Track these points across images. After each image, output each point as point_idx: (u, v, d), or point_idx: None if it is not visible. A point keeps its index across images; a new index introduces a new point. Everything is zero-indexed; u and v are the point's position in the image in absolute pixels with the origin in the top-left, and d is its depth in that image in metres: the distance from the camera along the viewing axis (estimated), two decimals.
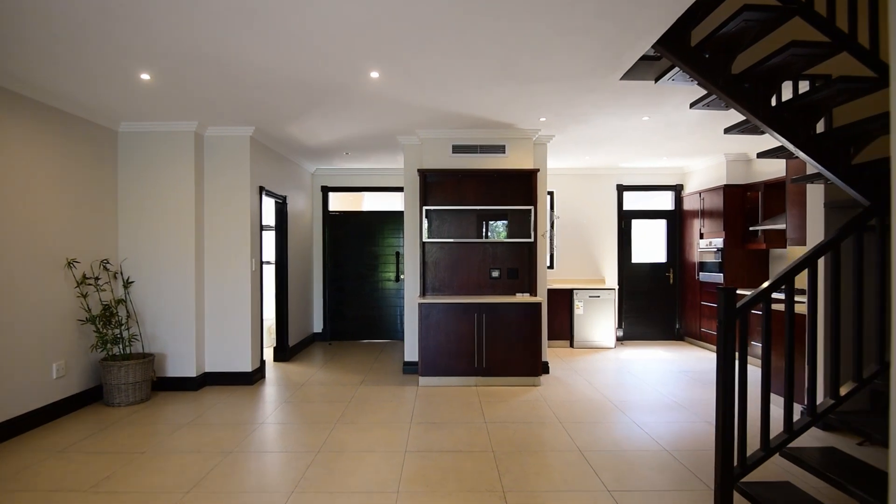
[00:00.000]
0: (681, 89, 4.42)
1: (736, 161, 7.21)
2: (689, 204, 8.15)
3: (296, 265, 7.25)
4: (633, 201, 8.58)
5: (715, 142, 6.39)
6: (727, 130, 4.02)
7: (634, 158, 7.53)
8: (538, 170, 5.69)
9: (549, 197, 8.36)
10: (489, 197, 5.86)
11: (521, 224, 5.71)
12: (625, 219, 8.48)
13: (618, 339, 8.14)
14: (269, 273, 7.15)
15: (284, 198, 6.74)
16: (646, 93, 4.44)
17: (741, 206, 7.16)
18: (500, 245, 5.92)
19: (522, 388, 5.33)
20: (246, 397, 5.09)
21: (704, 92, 4.04)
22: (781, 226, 6.20)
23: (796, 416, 4.37)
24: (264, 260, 7.91)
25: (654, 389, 5.33)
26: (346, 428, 4.14)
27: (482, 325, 5.40)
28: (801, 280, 6.20)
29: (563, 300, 7.76)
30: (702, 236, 7.73)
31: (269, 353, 7.01)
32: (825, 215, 4.11)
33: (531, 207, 5.67)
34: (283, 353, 6.78)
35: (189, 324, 5.34)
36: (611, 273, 8.37)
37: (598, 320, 7.72)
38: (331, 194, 8.36)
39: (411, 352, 5.96)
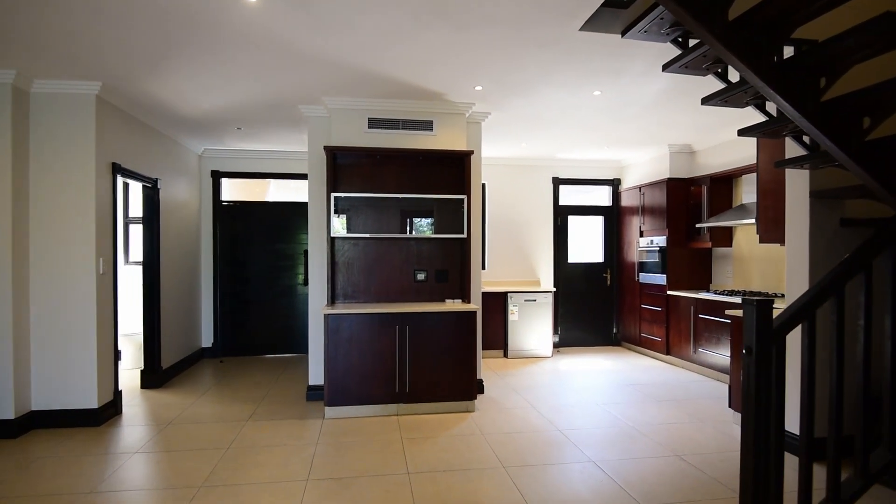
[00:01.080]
0: (645, 53, 3.64)
1: (679, 153, 6.69)
2: (628, 199, 7.58)
3: (174, 266, 5.86)
4: (569, 196, 7.90)
5: (663, 129, 5.77)
6: (706, 100, 3.26)
7: (573, 148, 6.82)
8: (472, 152, 4.75)
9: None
10: (414, 183, 4.85)
11: (452, 217, 4.75)
12: (561, 215, 7.78)
13: (554, 345, 7.43)
14: (137, 276, 5.72)
15: (155, 181, 5.35)
16: (606, 53, 3.62)
17: (685, 201, 6.64)
18: (427, 242, 4.93)
19: (454, 417, 4.36)
20: (85, 446, 3.74)
21: (677, 52, 3.27)
22: (729, 223, 5.68)
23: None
24: (133, 260, 6.45)
25: (604, 411, 4.56)
26: (212, 497, 2.96)
27: (405, 340, 4.39)
28: (746, 281, 5.75)
29: (496, 305, 6.91)
30: (642, 234, 7.17)
31: (134, 378, 5.58)
32: (810, 207, 3.48)
33: (464, 197, 4.73)
34: (154, 376, 5.39)
35: (4, 347, 3.90)
36: (546, 274, 7.64)
37: (534, 326, 6.94)
38: (224, 181, 6.99)
39: (316, 374, 4.82)
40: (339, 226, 4.60)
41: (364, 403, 4.34)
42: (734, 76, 3.12)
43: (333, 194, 4.55)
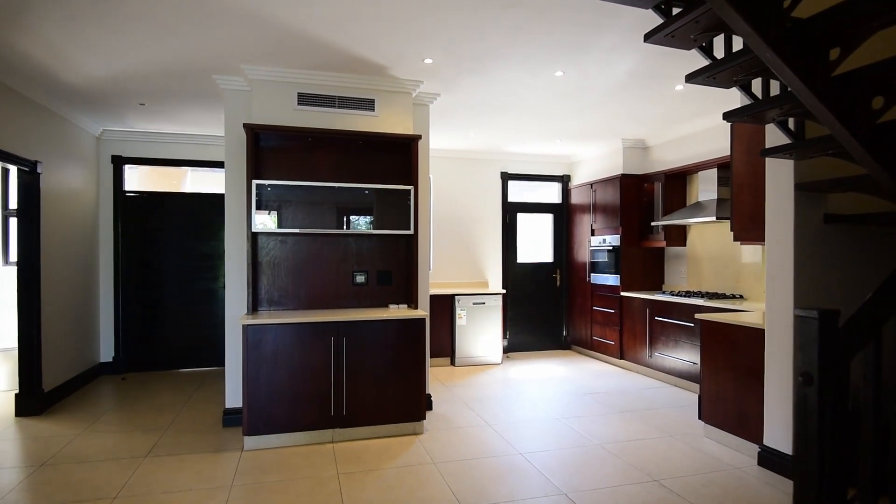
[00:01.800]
0: (618, 24, 3.21)
1: (633, 148, 6.42)
2: (579, 197, 7.27)
3: (62, 267, 4.89)
4: (518, 192, 7.50)
5: (619, 120, 5.45)
6: (690, 77, 2.85)
7: (524, 141, 6.40)
8: (419, 137, 4.18)
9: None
10: (352, 171, 4.22)
11: (397, 210, 4.16)
12: (510, 212, 7.36)
13: (503, 350, 6.99)
14: (10, 279, 4.74)
15: (34, 164, 4.40)
16: (576, 22, 3.16)
17: (638, 198, 6.38)
18: (368, 239, 4.31)
19: (400, 441, 3.77)
20: None
21: (659, 21, 2.85)
22: (686, 220, 5.43)
23: (747, 460, 3.40)
24: (14, 260, 5.43)
25: (566, 426, 4.12)
26: None
27: (342, 354, 3.75)
28: (708, 284, 5.51)
29: (442, 309, 6.37)
30: (593, 233, 6.87)
31: (9, 404, 4.59)
32: (795, 201, 3.17)
33: (410, 188, 4.15)
34: (33, 401, 4.43)
35: None
36: (495, 275, 7.19)
37: (482, 331, 6.46)
38: (128, 168, 6.03)
39: (235, 395, 4.08)
40: (262, 219, 3.89)
41: (292, 430, 3.66)
42: (719, 53, 2.76)
43: (255, 182, 3.83)
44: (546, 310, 7.45)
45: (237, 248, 4.10)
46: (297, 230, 4.01)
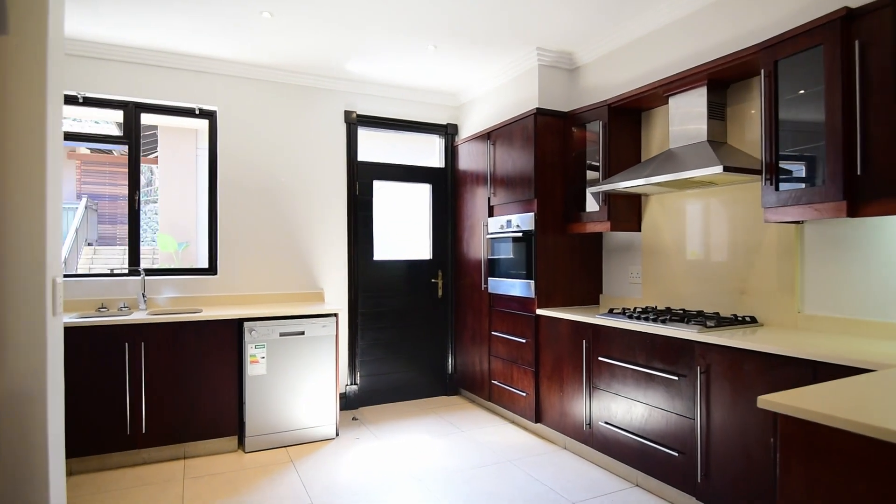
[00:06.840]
0: None
1: (554, 68, 3.90)
2: (471, 157, 4.64)
3: None
4: (376, 148, 4.75)
5: (533, 7, 2.87)
6: None
7: (378, 43, 3.66)
8: None
9: (206, 124, 3.97)
10: None
11: None
12: (362, 180, 4.58)
13: (346, 404, 4.22)
14: None
15: None
16: None
17: (563, 152, 3.86)
18: None
19: None
20: None
21: None
22: (647, 181, 2.96)
23: None
24: None
25: None
26: None
27: None
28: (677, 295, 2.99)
29: (222, 345, 3.45)
30: (492, 212, 4.29)
31: None
32: None
33: None
34: None
35: None
36: (336, 281, 4.38)
37: (301, 382, 3.62)
38: None
39: None
40: None
41: None
42: None
43: None
44: (421, 334, 4.77)
45: None
46: None
